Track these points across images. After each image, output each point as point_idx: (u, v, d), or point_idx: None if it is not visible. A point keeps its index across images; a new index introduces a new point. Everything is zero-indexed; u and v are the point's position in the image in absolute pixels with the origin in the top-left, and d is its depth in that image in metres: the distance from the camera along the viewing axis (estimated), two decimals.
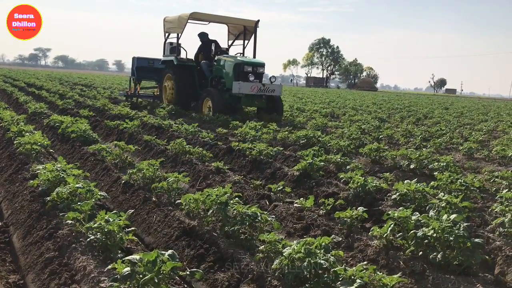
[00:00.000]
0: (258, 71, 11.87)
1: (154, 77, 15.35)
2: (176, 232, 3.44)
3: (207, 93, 12.04)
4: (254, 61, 12.14)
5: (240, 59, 11.97)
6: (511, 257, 3.06)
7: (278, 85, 12.20)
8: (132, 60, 14.99)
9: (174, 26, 12.98)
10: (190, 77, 12.91)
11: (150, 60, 14.93)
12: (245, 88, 11.19)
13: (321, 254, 2.46)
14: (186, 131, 7.92)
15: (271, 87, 11.70)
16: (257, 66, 11.92)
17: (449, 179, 4.44)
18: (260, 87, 11.44)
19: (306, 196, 4.32)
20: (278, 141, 7.99)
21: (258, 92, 11.41)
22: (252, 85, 11.32)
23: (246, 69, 11.63)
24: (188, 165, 5.60)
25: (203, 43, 13.51)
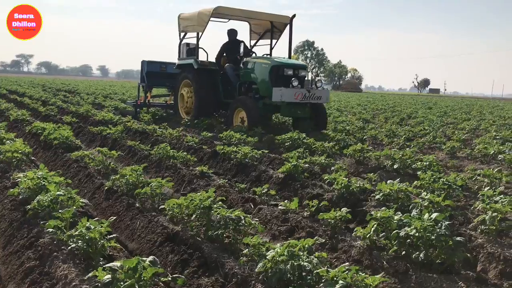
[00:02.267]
0: (299, 75, 9.88)
1: (166, 84, 13.42)
2: (159, 237, 3.41)
3: (239, 102, 9.96)
4: (295, 63, 10.25)
5: (278, 61, 9.90)
6: (493, 254, 3.10)
7: (325, 91, 10.08)
8: (141, 64, 12.98)
9: (192, 24, 11.09)
10: (213, 83, 10.98)
11: (163, 64, 13.01)
12: (288, 95, 9.15)
13: (304, 256, 2.46)
14: (170, 136, 7.88)
15: (317, 94, 9.62)
16: (298, 69, 9.93)
17: (432, 178, 4.48)
18: (305, 93, 9.38)
19: (291, 198, 4.32)
20: (264, 143, 7.99)
21: (303, 99, 9.37)
22: (296, 91, 9.29)
23: (286, 72, 9.69)
24: (172, 170, 5.57)
25: (228, 43, 11.55)
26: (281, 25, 11.52)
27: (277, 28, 11.64)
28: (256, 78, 10.05)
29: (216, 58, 11.49)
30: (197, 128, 10.10)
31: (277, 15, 11.29)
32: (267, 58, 10.34)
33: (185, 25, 11.47)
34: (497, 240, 3.30)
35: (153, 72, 12.82)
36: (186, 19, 11.41)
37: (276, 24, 11.55)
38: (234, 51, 11.37)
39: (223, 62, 11.36)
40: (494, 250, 3.13)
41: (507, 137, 9.71)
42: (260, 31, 12.10)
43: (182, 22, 11.57)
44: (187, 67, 11.29)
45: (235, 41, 11.55)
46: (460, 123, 14.16)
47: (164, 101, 14.16)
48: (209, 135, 8.55)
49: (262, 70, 9.88)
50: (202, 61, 10.98)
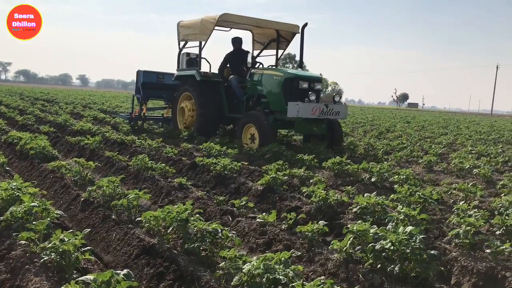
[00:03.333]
0: (315, 88, 9.08)
1: (163, 96, 12.43)
2: (135, 250, 3.37)
3: (249, 118, 9.05)
4: (311, 75, 9.33)
5: (292, 73, 9.17)
6: (466, 268, 3.15)
7: (343, 106, 9.29)
8: (137, 74, 12.05)
9: (194, 33, 10.27)
10: (217, 96, 10.16)
11: (160, 74, 12.07)
12: (305, 110, 8.37)
13: (280, 269, 2.46)
14: (149, 147, 7.83)
15: (335, 109, 8.86)
16: (314, 82, 9.12)
17: (408, 192, 4.54)
18: (322, 108, 8.61)
19: (269, 211, 4.32)
20: (244, 155, 7.99)
21: (321, 115, 8.64)
22: (313, 106, 8.52)
23: (301, 85, 8.88)
24: (150, 182, 5.53)
25: (233, 53, 10.79)
26: (288, 34, 10.81)
27: (284, 37, 10.90)
28: (266, 91, 9.33)
29: (219, 69, 10.78)
30: (177, 139, 10.05)
31: (286, 24, 10.57)
32: (279, 69, 9.57)
33: (185, 34, 10.67)
34: (470, 253, 3.35)
35: (149, 82, 11.92)
36: (187, 27, 10.62)
37: (282, 34, 10.80)
38: (238, 61, 10.70)
39: (226, 73, 10.68)
40: (467, 263, 3.18)
41: (482, 151, 9.91)
42: (264, 40, 11.39)
43: (182, 30, 10.78)
44: (187, 79, 10.49)
45: (240, 51, 10.85)
46: (437, 137, 14.40)
47: (160, 114, 13.28)
48: (188, 146, 8.51)
49: (273, 83, 9.16)
50: (205, 73, 10.23)
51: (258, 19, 10.31)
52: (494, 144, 13.31)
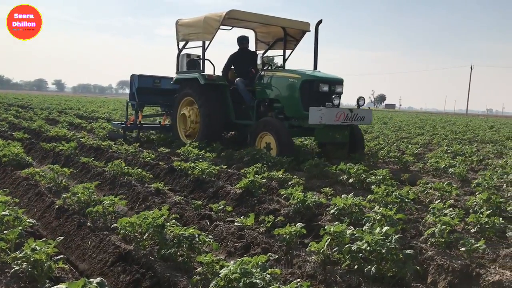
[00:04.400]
0: (336, 91, 8.27)
1: (159, 102, 11.42)
2: (111, 257, 3.32)
3: (265, 125, 8.14)
4: (332, 77, 8.43)
5: (311, 74, 8.26)
6: (442, 266, 3.18)
7: (368, 111, 8.40)
8: (131, 79, 11.01)
9: (196, 32, 9.36)
10: (223, 101, 9.28)
11: (156, 78, 11.07)
12: (328, 116, 7.52)
13: (257, 273, 2.44)
14: (126, 152, 7.73)
15: (360, 114, 7.99)
16: (335, 84, 8.27)
17: (385, 192, 4.58)
18: (347, 114, 7.78)
19: (247, 214, 4.31)
20: (223, 159, 7.96)
21: (345, 121, 7.79)
22: (337, 111, 7.70)
23: (321, 88, 8.08)
24: (126, 187, 5.45)
25: (238, 54, 9.93)
26: (297, 33, 9.98)
27: (292, 36, 10.04)
28: (279, 95, 8.50)
29: (223, 71, 9.93)
30: (154, 144, 9.95)
31: (296, 22, 9.71)
32: (295, 71, 8.50)
33: (186, 33, 9.73)
34: (446, 252, 3.39)
35: (144, 88, 10.86)
36: (187, 26, 9.68)
37: (290, 32, 9.97)
38: (245, 62, 9.78)
39: (230, 76, 9.86)
40: (443, 262, 3.22)
41: (458, 151, 10.08)
42: (269, 40, 10.59)
43: (182, 29, 9.84)
44: (189, 82, 9.57)
45: (246, 51, 9.97)
46: (413, 137, 14.59)
47: (158, 121, 12.25)
48: (166, 151, 8.45)
49: (289, 86, 8.31)
50: (209, 75, 9.28)
51: (267, 16, 9.51)
52: (469, 143, 13.56)
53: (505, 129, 23.45)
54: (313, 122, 7.64)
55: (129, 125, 10.87)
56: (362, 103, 8.42)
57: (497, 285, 2.84)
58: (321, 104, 7.79)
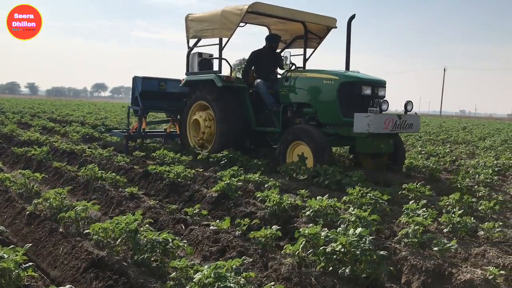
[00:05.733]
0: (379, 94, 7.34)
1: (164, 106, 10.16)
2: (84, 263, 3.25)
3: (299, 133, 7.13)
4: (374, 78, 7.49)
5: (351, 75, 7.30)
6: (416, 266, 3.22)
7: (416, 117, 7.38)
8: (133, 82, 9.83)
9: (212, 28, 8.31)
10: (242, 106, 8.27)
11: (161, 81, 9.92)
12: (377, 123, 6.52)
13: (231, 277, 2.43)
14: (100, 156, 7.62)
15: (408, 120, 6.99)
16: (378, 86, 7.35)
17: (360, 193, 4.62)
18: (395, 121, 6.78)
19: (224, 218, 4.29)
20: (199, 162, 7.91)
21: (393, 129, 6.80)
22: (386, 118, 6.72)
23: (364, 91, 7.12)
24: (100, 192, 5.36)
25: (262, 52, 8.87)
26: (321, 30, 9.00)
27: (315, 33, 9.08)
28: (312, 98, 7.51)
29: (244, 71, 8.99)
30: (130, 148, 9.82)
31: (323, 17, 8.71)
32: (330, 71, 7.48)
33: (199, 29, 8.65)
34: (419, 252, 3.43)
35: (149, 91, 9.70)
36: (200, 21, 8.61)
37: (313, 29, 9.00)
38: (266, 62, 8.79)
39: (250, 77, 8.79)
40: (417, 262, 3.25)
41: (432, 151, 10.24)
42: (286, 38, 9.52)
43: (194, 25, 8.75)
44: (202, 85, 8.54)
45: (271, 51, 8.95)
46: None
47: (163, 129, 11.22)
48: (141, 155, 8.35)
49: (324, 88, 7.31)
50: (227, 77, 8.31)
51: (294, 10, 8.47)
52: (443, 144, 13.81)
53: (477, 130, 23.97)
54: (360, 131, 6.61)
55: (132, 133, 9.70)
56: (410, 108, 7.35)
57: (469, 283, 2.89)
58: (363, 109, 6.88)
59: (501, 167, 7.57)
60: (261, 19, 9.00)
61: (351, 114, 6.78)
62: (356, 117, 6.64)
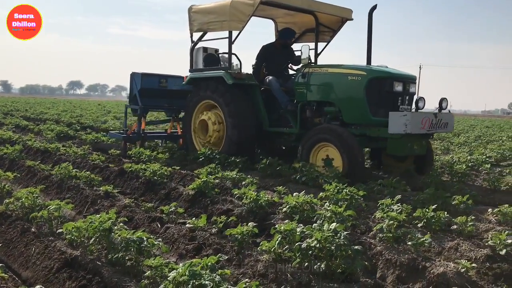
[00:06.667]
0: (410, 91, 6.75)
1: (165, 105, 9.46)
2: (57, 263, 3.19)
3: (326, 133, 6.41)
4: (405, 74, 6.86)
5: (380, 70, 6.68)
6: (390, 261, 3.26)
7: (450, 116, 6.69)
8: (131, 78, 9.08)
9: (220, 20, 7.62)
10: (254, 105, 7.67)
11: (162, 78, 9.22)
12: (414, 123, 5.97)
13: (206, 274, 2.41)
14: (75, 154, 7.49)
15: (444, 119, 6.41)
16: (409, 82, 6.73)
17: (336, 189, 4.65)
18: (432, 120, 6.22)
19: (200, 216, 4.26)
20: (176, 160, 7.86)
21: (430, 129, 6.26)
22: (423, 117, 6.16)
23: (395, 87, 6.49)
24: (74, 191, 5.28)
25: (275, 47, 8.31)
26: (335, 22, 8.31)
27: (328, 26, 8.39)
28: (334, 96, 6.83)
29: (255, 67, 8.26)
30: (105, 146, 9.69)
31: (338, 8, 8.00)
32: (355, 66, 6.84)
33: (204, 22, 7.92)
34: (394, 246, 3.47)
35: (149, 89, 8.99)
36: (206, 13, 7.89)
37: (325, 21, 8.32)
38: (279, 58, 8.22)
39: (261, 74, 8.09)
40: (391, 256, 3.29)
41: None
42: (295, 31, 8.69)
43: (199, 17, 8.01)
44: (209, 83, 7.87)
45: (285, 46, 8.33)
46: None
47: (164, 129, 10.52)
48: (117, 152, 8.25)
49: (349, 85, 6.64)
50: (237, 73, 7.69)
51: (311, 1, 7.76)
52: None
53: None
54: (396, 131, 6.01)
55: (130, 134, 8.97)
56: (445, 105, 6.73)
57: (442, 276, 2.93)
58: (393, 108, 6.42)
59: (475, 163, 7.72)
60: (268, 10, 8.30)
61: (381, 113, 6.36)
62: (392, 117, 6.07)
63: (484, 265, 3.21)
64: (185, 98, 8.54)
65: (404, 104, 6.57)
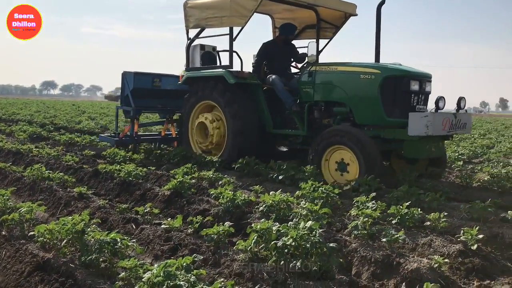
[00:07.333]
0: (426, 90, 6.36)
1: (158, 106, 8.93)
2: (28, 267, 3.12)
3: (339, 135, 5.99)
4: (422, 72, 6.45)
5: (395, 68, 6.28)
6: (365, 257, 3.29)
7: (468, 116, 6.43)
8: (122, 78, 8.54)
9: (219, 15, 7.16)
10: (257, 106, 7.25)
11: (155, 77, 8.72)
12: (436, 124, 5.65)
13: (181, 275, 2.39)
14: (48, 155, 7.35)
15: (462, 119, 6.11)
16: (425, 81, 6.34)
17: (312, 187, 4.68)
18: (452, 120, 5.92)
19: (176, 216, 4.23)
20: (151, 160, 7.78)
21: (450, 130, 5.96)
22: (444, 117, 5.84)
23: (412, 86, 6.11)
24: (47, 193, 5.18)
25: (276, 44, 7.94)
26: (338, 17, 7.95)
27: (330, 22, 8.04)
28: (345, 96, 6.45)
29: (256, 66, 7.82)
30: (78, 147, 9.53)
31: (342, 2, 7.67)
32: (368, 64, 6.43)
33: (202, 17, 7.42)
34: (369, 243, 3.51)
35: (142, 89, 8.47)
36: (204, 8, 7.40)
37: (327, 17, 7.97)
38: (282, 56, 7.83)
39: (262, 73, 7.74)
40: (366, 253, 3.32)
41: None
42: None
43: (196, 13, 7.52)
44: (208, 82, 7.45)
45: (286, 43, 7.95)
46: None
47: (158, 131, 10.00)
48: (91, 153, 8.12)
49: (362, 84, 6.25)
50: (239, 72, 7.30)
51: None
52: None
53: None
54: (417, 133, 5.67)
55: (122, 137, 8.61)
56: (463, 105, 6.32)
57: (415, 272, 2.98)
58: (410, 108, 6.10)
59: (447, 160, 7.86)
60: (267, 6, 7.81)
61: (396, 114, 6.06)
62: (412, 118, 5.71)
63: (457, 260, 3.28)
64: (179, 98, 8.15)
65: (420, 104, 6.25)
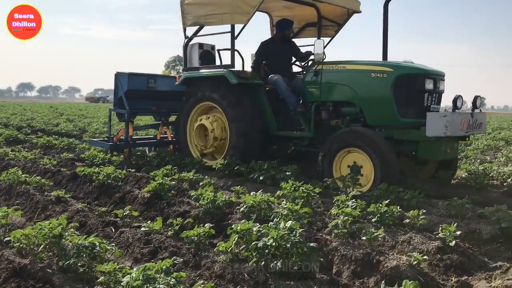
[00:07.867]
0: (439, 89, 6.09)
1: (153, 108, 8.38)
2: (4, 273, 3.05)
3: (353, 137, 5.70)
4: (436, 70, 6.17)
5: (409, 66, 6.01)
6: (346, 256, 3.31)
7: (483, 115, 6.09)
8: (115, 79, 8.04)
9: (219, 13, 6.81)
10: (260, 107, 6.94)
11: (150, 78, 8.27)
12: (454, 124, 5.37)
13: (161, 278, 2.37)
14: (24, 159, 7.22)
15: (479, 119, 5.86)
16: (439, 80, 6.06)
17: (293, 187, 4.68)
18: (469, 120, 5.66)
19: (156, 218, 4.19)
20: (132, 162, 7.70)
21: (468, 130, 5.68)
22: (462, 117, 5.57)
23: (427, 85, 5.82)
24: (24, 197, 5.08)
25: (275, 42, 7.59)
26: (340, 15, 7.69)
27: (332, 19, 7.80)
28: (355, 95, 6.12)
29: (255, 65, 7.51)
30: (56, 150, 9.38)
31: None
32: (379, 62, 6.16)
33: (201, 15, 7.07)
34: (349, 242, 3.53)
35: (137, 90, 8.02)
36: (202, 5, 7.05)
37: (329, 14, 7.73)
38: (282, 54, 7.54)
39: (262, 72, 7.48)
40: (346, 252, 3.34)
41: None
42: (294, 26, 8.03)
43: (193, 10, 7.16)
44: (208, 82, 7.12)
45: (286, 40, 7.63)
46: None
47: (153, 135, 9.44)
48: (69, 156, 8.00)
49: (373, 83, 5.95)
50: (242, 72, 6.98)
51: None
52: None
53: None
54: (435, 134, 5.38)
55: (116, 141, 8.13)
56: (479, 104, 6.03)
57: (395, 270, 3.00)
58: (424, 108, 5.82)
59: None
60: (266, 3, 7.39)
61: (410, 114, 5.82)
62: (430, 118, 5.42)
63: (435, 256, 3.32)
64: (176, 100, 7.93)
65: (434, 104, 5.98)
